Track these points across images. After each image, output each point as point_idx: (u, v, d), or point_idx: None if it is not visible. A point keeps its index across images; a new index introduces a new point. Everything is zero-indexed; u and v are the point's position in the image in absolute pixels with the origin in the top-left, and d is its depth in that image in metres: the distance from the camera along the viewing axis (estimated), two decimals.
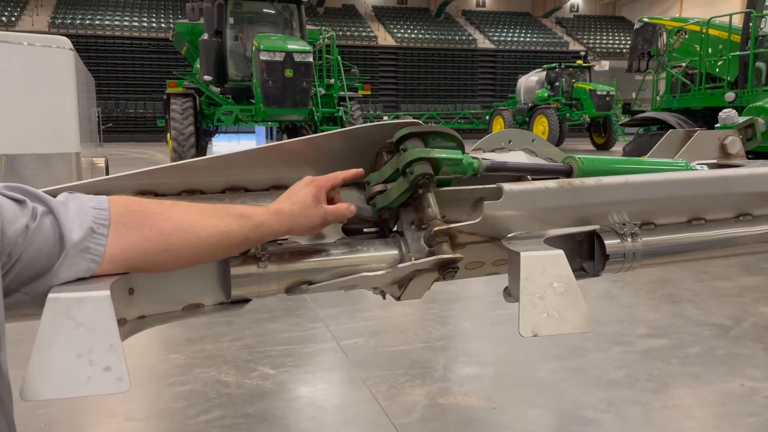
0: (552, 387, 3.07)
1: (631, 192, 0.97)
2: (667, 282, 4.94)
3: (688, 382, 3.07)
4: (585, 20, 36.94)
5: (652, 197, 0.98)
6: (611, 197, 0.96)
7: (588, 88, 22.31)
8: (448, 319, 4.09)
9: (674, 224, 1.02)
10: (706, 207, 1.03)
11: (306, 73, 9.99)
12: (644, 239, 0.98)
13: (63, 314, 0.67)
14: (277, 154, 0.98)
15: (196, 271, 0.89)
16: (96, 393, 0.66)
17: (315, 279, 0.92)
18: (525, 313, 0.82)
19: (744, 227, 1.05)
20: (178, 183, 0.93)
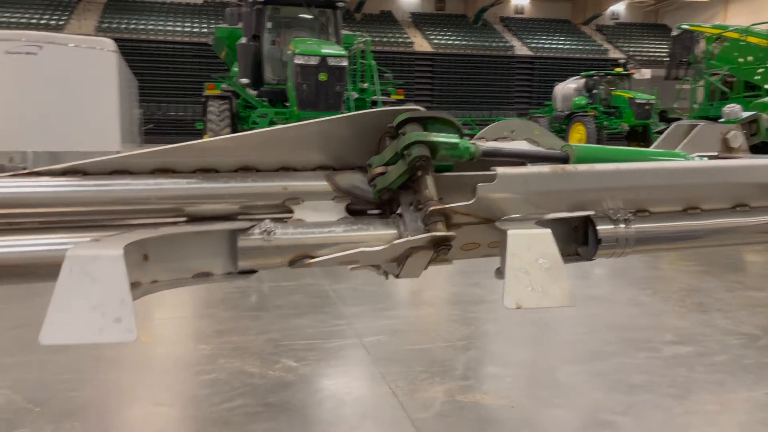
0: (572, 389, 3.07)
1: (623, 179, 1.00)
2: (697, 290, 4.87)
3: (712, 389, 3.03)
4: (626, 28, 36.38)
5: (645, 185, 1.01)
6: (604, 184, 1.00)
7: (627, 96, 21.97)
8: (471, 321, 4.11)
9: (669, 212, 1.04)
10: (702, 197, 1.05)
11: (339, 77, 10.12)
12: (637, 226, 1.01)
13: (80, 270, 0.74)
14: (286, 136, 1.04)
15: (207, 243, 0.96)
16: (106, 341, 0.73)
17: (317, 254, 0.97)
18: (510, 287, 0.86)
19: (740, 218, 1.07)
20: (193, 162, 1.00)
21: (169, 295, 4.57)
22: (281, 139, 1.04)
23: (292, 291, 4.64)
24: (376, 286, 4.87)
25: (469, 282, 5.05)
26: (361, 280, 5.05)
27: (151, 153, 0.97)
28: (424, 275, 3.85)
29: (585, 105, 22.44)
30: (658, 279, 5.46)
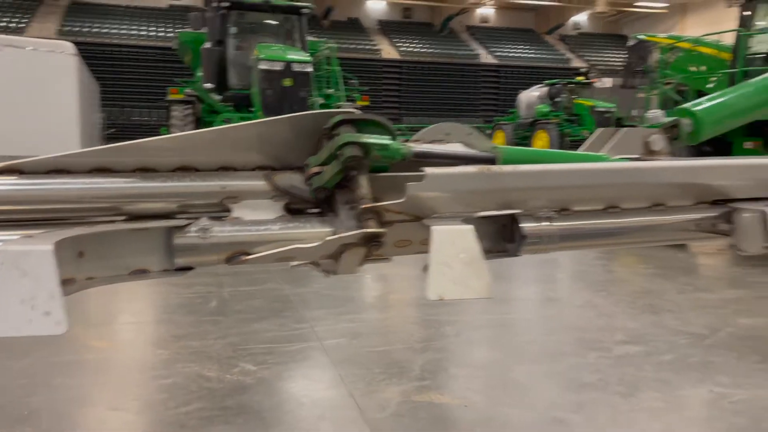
0: (526, 388, 3.14)
1: (547, 179, 1.06)
2: (649, 293, 5.01)
3: (658, 387, 3.14)
4: (588, 37, 37.16)
5: (567, 185, 1.06)
6: (528, 183, 1.05)
7: (588, 104, 22.41)
8: (431, 323, 4.16)
9: (590, 211, 1.11)
10: (622, 196, 1.12)
11: (304, 83, 10.15)
12: (560, 224, 1.07)
13: (11, 264, 0.76)
14: (226, 137, 1.07)
15: (143, 240, 0.98)
16: (36, 334, 0.75)
17: (253, 251, 1.01)
18: (433, 280, 0.91)
19: (657, 216, 1.13)
20: (132, 161, 1.02)
21: (128, 301, 4.52)
22: (221, 139, 1.07)
23: (252, 295, 4.64)
24: (339, 291, 4.90)
25: None
26: (323, 284, 5.07)
27: (89, 152, 0.99)
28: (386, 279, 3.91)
29: (548, 113, 22.80)
30: (612, 282, 5.60)
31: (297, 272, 5.34)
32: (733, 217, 1.15)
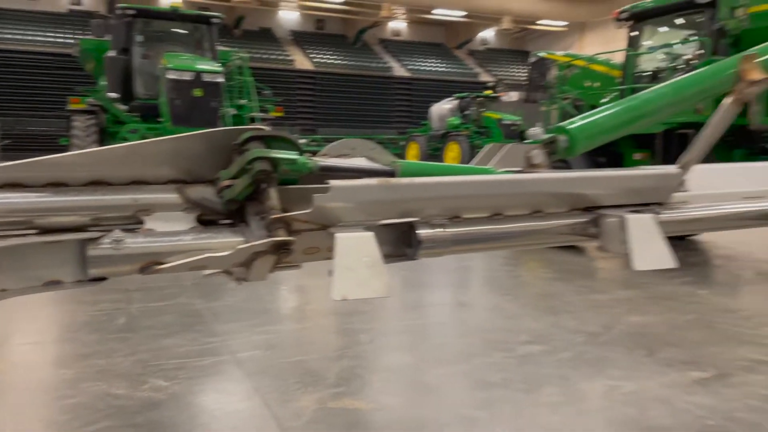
0: (437, 389, 3.28)
1: (440, 190, 1.17)
2: (551, 295, 5.33)
3: (558, 382, 3.36)
4: (495, 53, 38.66)
5: (458, 195, 1.19)
6: (424, 194, 1.16)
7: (496, 117, 23.31)
8: (346, 332, 4.24)
9: (478, 218, 1.23)
10: (505, 205, 1.25)
11: (215, 93, 10.02)
12: (452, 230, 1.19)
13: None
14: (138, 152, 1.11)
15: (56, 252, 1.01)
16: None
17: (166, 260, 1.05)
18: (337, 282, 1.00)
19: (537, 222, 1.28)
20: (44, 176, 1.05)
21: (28, 321, 4.31)
22: (133, 154, 1.11)
23: (163, 311, 4.54)
24: (252, 303, 4.89)
25: None
26: (236, 297, 5.03)
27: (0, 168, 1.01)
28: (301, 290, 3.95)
29: (459, 125, 23.54)
30: (518, 286, 5.90)
31: (209, 286, 5.28)
32: (600, 221, 1.32)
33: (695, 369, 3.52)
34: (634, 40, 7.37)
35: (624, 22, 7.27)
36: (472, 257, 7.21)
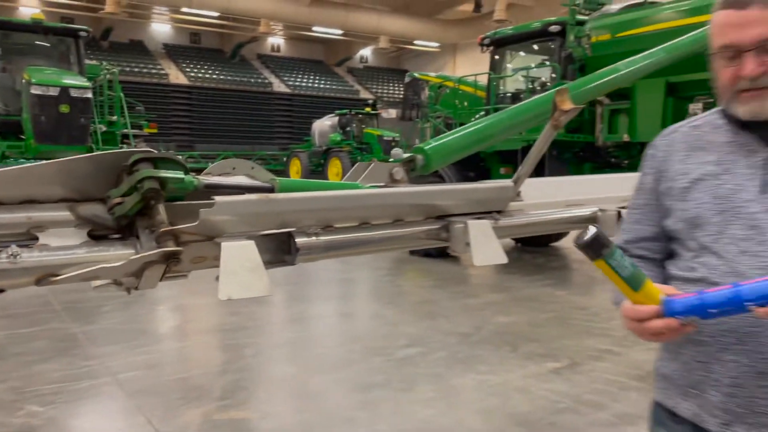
0: (319, 395, 3.44)
1: (314, 204, 1.35)
2: (428, 301, 5.66)
3: (433, 380, 3.64)
4: (373, 71, 39.63)
5: (329, 207, 1.37)
6: (300, 207, 1.34)
7: (377, 133, 23.93)
8: (230, 347, 4.28)
9: (348, 227, 1.43)
10: (371, 215, 1.45)
11: (84, 110, 9.54)
12: (325, 237, 1.37)
13: None
14: (31, 173, 1.20)
15: None
16: None
17: (61, 272, 1.15)
18: (223, 285, 1.14)
19: (398, 229, 1.50)
20: None
21: None
22: (26, 175, 1.19)
23: (34, 336, 4.34)
24: (131, 324, 4.78)
25: (228, 311, 5.21)
26: (114, 319, 4.90)
27: None
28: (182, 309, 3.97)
29: (340, 141, 23.90)
30: (398, 294, 6.20)
31: (82, 310, 5.08)
32: (449, 227, 1.56)
33: (552, 360, 3.93)
34: (496, 63, 8.01)
35: (486, 47, 7.89)
36: (355, 270, 7.45)
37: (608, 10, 6.73)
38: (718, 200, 1.05)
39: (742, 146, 1.08)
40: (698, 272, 1.05)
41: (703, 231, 1.06)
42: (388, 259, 8.03)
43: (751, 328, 0.98)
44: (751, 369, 0.99)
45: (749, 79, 1.01)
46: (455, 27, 31.85)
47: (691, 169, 1.11)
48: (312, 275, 7.11)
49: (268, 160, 28.12)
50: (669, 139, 1.19)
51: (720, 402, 1.02)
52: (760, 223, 1.01)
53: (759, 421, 0.99)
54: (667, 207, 1.13)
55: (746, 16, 1.00)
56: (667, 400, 1.12)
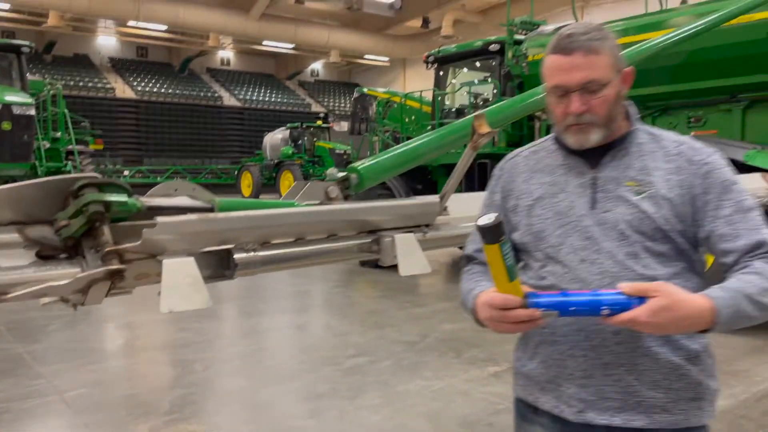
0: (267, 406, 3.52)
1: (251, 222, 1.47)
2: (376, 312, 5.79)
3: (379, 387, 3.76)
4: (324, 84, 39.79)
5: (266, 225, 1.49)
6: (238, 225, 1.45)
7: (328, 146, 24.04)
8: (179, 363, 4.31)
9: (284, 243, 1.55)
10: (306, 231, 1.58)
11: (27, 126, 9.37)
12: (262, 253, 1.49)
13: None
14: None
15: None
16: None
17: (10, 291, 1.24)
18: (164, 299, 1.25)
19: (332, 244, 1.63)
20: None
21: None
22: None
23: None
24: (78, 343, 4.75)
25: (177, 327, 5.22)
26: (60, 338, 4.86)
27: None
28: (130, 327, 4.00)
29: (292, 154, 23.90)
30: (348, 305, 6.31)
31: (27, 330, 5.02)
32: (379, 241, 1.69)
33: (493, 364, 4.11)
34: (441, 79, 8.26)
35: (431, 64, 8.13)
36: (308, 282, 7.53)
37: (543, 31, 7.05)
38: (557, 216, 1.21)
39: (572, 168, 1.23)
40: (548, 280, 1.20)
41: (546, 243, 1.21)
42: (340, 272, 8.14)
43: (596, 326, 1.14)
44: (599, 361, 1.14)
45: (575, 115, 1.16)
46: (404, 42, 32.33)
47: (534, 188, 1.26)
48: (264, 289, 7.15)
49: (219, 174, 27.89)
50: (512, 162, 1.35)
51: (574, 393, 1.17)
52: (593, 234, 1.17)
53: (607, 406, 1.15)
54: (515, 222, 1.28)
55: (571, 61, 1.15)
56: (527, 395, 1.27)
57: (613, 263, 1.15)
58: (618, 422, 1.15)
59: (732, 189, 1.17)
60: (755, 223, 1.15)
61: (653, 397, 1.15)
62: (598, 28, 1.18)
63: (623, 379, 1.14)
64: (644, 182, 1.18)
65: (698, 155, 1.19)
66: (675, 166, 1.18)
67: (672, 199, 1.16)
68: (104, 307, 6.11)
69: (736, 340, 4.72)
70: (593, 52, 1.15)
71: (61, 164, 10.57)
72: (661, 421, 1.15)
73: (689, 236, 1.17)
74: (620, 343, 1.14)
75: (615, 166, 1.20)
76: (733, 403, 3.52)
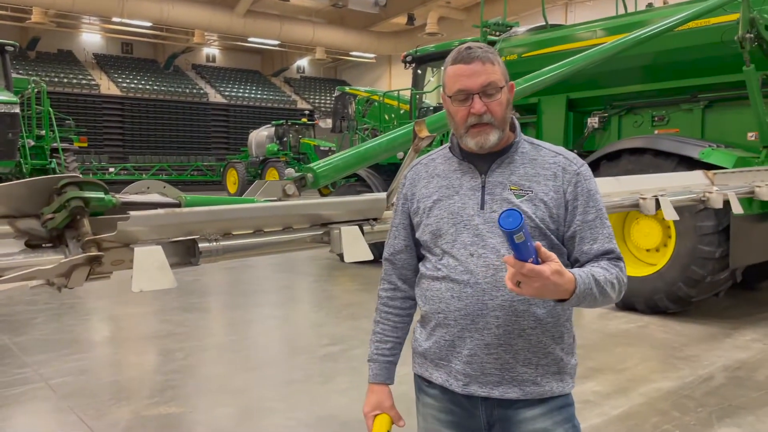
0: (242, 391, 3.73)
1: (214, 215, 1.69)
2: (353, 304, 6.02)
3: (349, 374, 3.99)
4: (310, 81, 39.89)
5: (227, 218, 1.71)
6: (202, 219, 1.67)
7: (313, 143, 24.19)
8: (160, 352, 4.51)
9: (244, 234, 1.77)
10: (264, 224, 1.80)
11: (11, 125, 9.48)
12: (224, 243, 1.71)
13: None
14: None
15: None
16: None
17: (4, 274, 1.45)
18: (136, 280, 1.47)
19: (288, 235, 1.85)
20: None
21: None
22: None
23: None
24: (62, 334, 4.93)
25: (159, 319, 5.42)
26: (45, 330, 5.03)
27: None
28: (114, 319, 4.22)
29: (277, 151, 24.04)
30: (326, 299, 6.53)
31: (13, 322, 5.19)
32: (329, 233, 1.91)
33: None
34: (419, 78, 8.49)
35: (409, 63, 8.36)
36: (288, 277, 7.74)
37: (516, 32, 7.30)
38: (452, 215, 1.40)
39: (465, 173, 1.42)
40: (442, 272, 1.39)
41: (443, 239, 1.40)
42: (321, 266, 8.36)
43: (480, 311, 1.34)
44: (482, 342, 1.35)
45: (477, 115, 1.35)
46: (390, 39, 32.51)
47: (432, 192, 1.45)
48: (245, 284, 7.36)
49: (205, 171, 27.99)
50: (415, 170, 1.53)
51: (461, 369, 1.37)
52: (481, 232, 1.36)
53: (488, 380, 1.36)
54: (416, 222, 1.47)
55: (472, 68, 1.34)
56: (423, 372, 1.48)
57: (497, 257, 1.34)
58: (496, 394, 1.36)
59: (596, 198, 1.40)
60: (609, 232, 1.38)
61: (525, 372, 1.35)
62: (489, 47, 1.39)
63: (501, 358, 1.35)
64: (525, 187, 1.37)
65: (571, 165, 1.40)
66: (551, 173, 1.39)
67: (547, 202, 1.36)
68: (88, 300, 6.31)
69: (690, 328, 5.01)
70: (489, 62, 1.36)
71: (45, 162, 10.69)
72: (531, 393, 1.36)
73: (559, 234, 1.38)
74: (500, 326, 1.33)
75: (501, 172, 1.39)
76: (679, 384, 3.78)
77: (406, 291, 1.57)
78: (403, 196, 1.53)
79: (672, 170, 5.11)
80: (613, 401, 3.51)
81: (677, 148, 5.34)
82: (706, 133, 6.04)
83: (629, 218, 5.81)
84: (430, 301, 1.43)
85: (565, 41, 6.59)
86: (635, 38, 4.49)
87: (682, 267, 5.11)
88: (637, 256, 5.72)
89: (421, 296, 1.47)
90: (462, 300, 1.36)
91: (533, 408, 1.37)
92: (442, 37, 25.99)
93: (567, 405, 1.42)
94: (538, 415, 1.38)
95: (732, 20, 5.23)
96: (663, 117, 6.34)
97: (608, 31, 6.31)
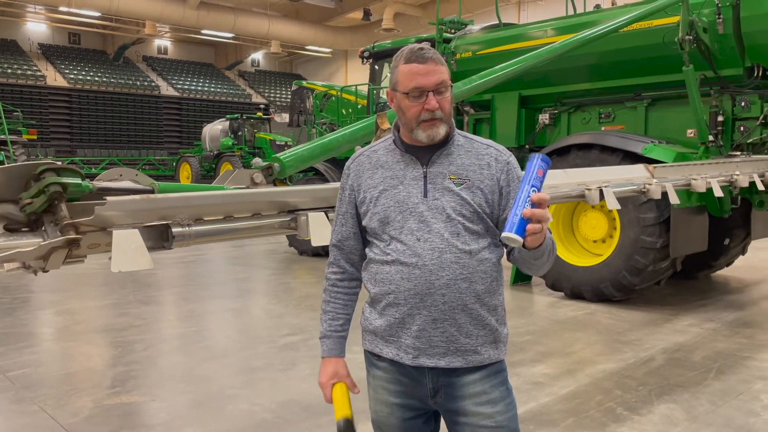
0: (203, 379, 3.79)
1: (186, 202, 1.77)
2: (311, 296, 6.11)
3: (309, 361, 4.09)
4: (265, 75, 39.50)
5: (199, 204, 1.80)
6: (174, 204, 1.75)
7: (269, 138, 24.03)
8: (120, 344, 4.51)
9: (215, 219, 1.86)
10: (234, 210, 1.89)
11: None
12: (195, 228, 1.80)
13: None
14: None
15: None
16: None
17: None
18: (114, 261, 1.54)
19: (257, 221, 1.95)
20: None
21: None
22: None
23: None
24: (18, 328, 4.87)
25: (116, 312, 5.40)
26: (0, 324, 4.96)
27: None
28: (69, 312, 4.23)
29: (231, 145, 23.79)
30: (285, 291, 6.59)
31: None
32: (296, 219, 2.02)
33: None
34: (376, 74, 8.61)
35: (366, 59, 8.46)
36: (247, 270, 7.77)
37: (470, 30, 7.49)
38: (398, 204, 1.51)
39: (408, 164, 1.54)
40: (391, 256, 1.51)
41: (391, 226, 1.51)
42: (278, 260, 8.40)
43: (428, 290, 1.46)
44: (429, 317, 1.47)
45: (431, 110, 1.47)
46: (346, 33, 32.50)
47: (378, 182, 1.55)
48: (204, 277, 7.35)
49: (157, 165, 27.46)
50: (358, 161, 1.63)
51: (411, 343, 1.50)
52: (426, 218, 1.49)
53: (435, 352, 1.49)
54: (363, 211, 1.58)
55: (427, 68, 1.47)
56: (374, 348, 1.61)
57: (441, 240, 1.47)
58: (443, 364, 1.49)
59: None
60: None
61: (468, 343, 1.49)
62: (435, 50, 1.52)
63: (447, 331, 1.48)
64: (463, 176, 1.51)
65: (502, 156, 1.56)
66: (485, 163, 1.53)
67: (483, 189, 1.51)
68: (42, 295, 6.21)
69: (633, 315, 5.29)
70: (440, 62, 1.50)
71: None
72: (472, 360, 1.50)
73: (494, 218, 1.53)
74: (445, 303, 1.47)
75: (440, 163, 1.52)
76: (622, 365, 4.02)
77: (352, 273, 1.70)
78: (349, 187, 1.63)
79: (617, 164, 5.38)
80: (561, 382, 3.72)
81: (622, 144, 5.61)
82: (649, 129, 6.35)
83: (577, 211, 6.08)
84: (381, 283, 1.54)
85: (518, 40, 6.82)
86: (583, 38, 4.74)
87: (626, 257, 5.39)
88: (585, 247, 5.99)
89: (371, 279, 1.59)
90: (411, 281, 1.48)
91: (473, 373, 1.52)
92: (398, 33, 26.13)
93: (502, 370, 1.57)
94: (477, 379, 1.53)
95: (673, 22, 5.53)
96: (609, 114, 6.63)
97: (558, 31, 6.55)
